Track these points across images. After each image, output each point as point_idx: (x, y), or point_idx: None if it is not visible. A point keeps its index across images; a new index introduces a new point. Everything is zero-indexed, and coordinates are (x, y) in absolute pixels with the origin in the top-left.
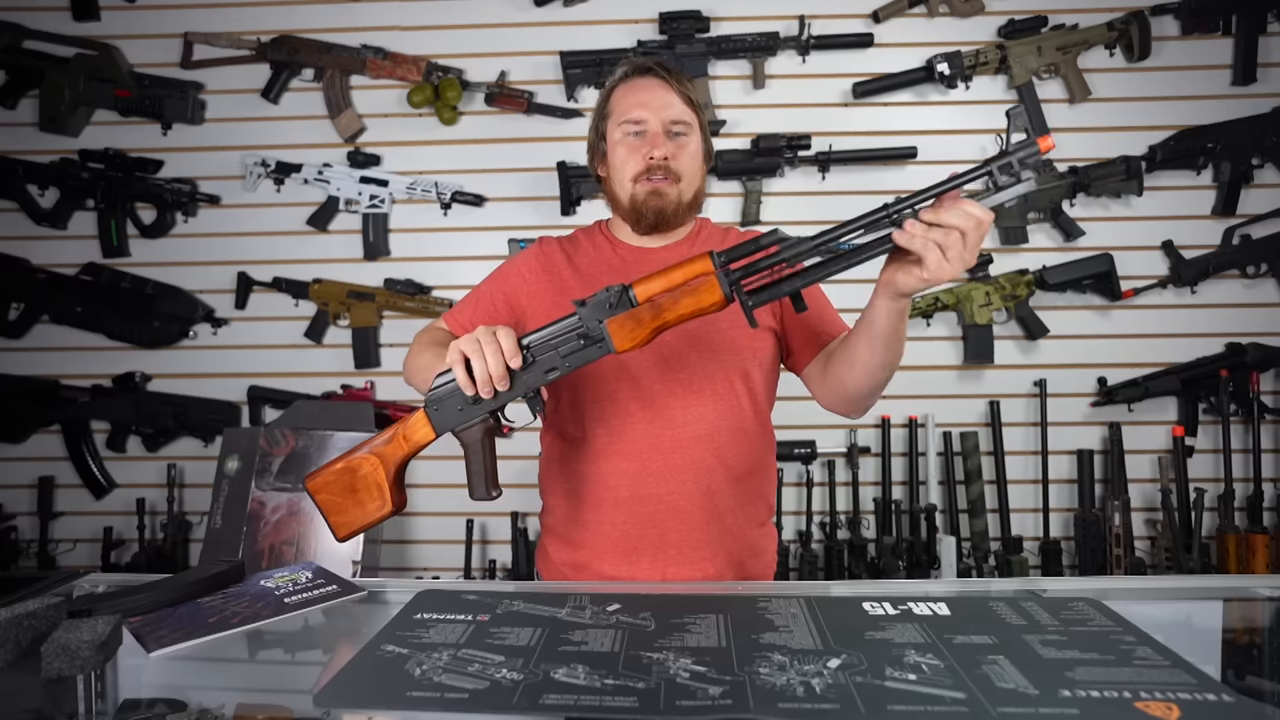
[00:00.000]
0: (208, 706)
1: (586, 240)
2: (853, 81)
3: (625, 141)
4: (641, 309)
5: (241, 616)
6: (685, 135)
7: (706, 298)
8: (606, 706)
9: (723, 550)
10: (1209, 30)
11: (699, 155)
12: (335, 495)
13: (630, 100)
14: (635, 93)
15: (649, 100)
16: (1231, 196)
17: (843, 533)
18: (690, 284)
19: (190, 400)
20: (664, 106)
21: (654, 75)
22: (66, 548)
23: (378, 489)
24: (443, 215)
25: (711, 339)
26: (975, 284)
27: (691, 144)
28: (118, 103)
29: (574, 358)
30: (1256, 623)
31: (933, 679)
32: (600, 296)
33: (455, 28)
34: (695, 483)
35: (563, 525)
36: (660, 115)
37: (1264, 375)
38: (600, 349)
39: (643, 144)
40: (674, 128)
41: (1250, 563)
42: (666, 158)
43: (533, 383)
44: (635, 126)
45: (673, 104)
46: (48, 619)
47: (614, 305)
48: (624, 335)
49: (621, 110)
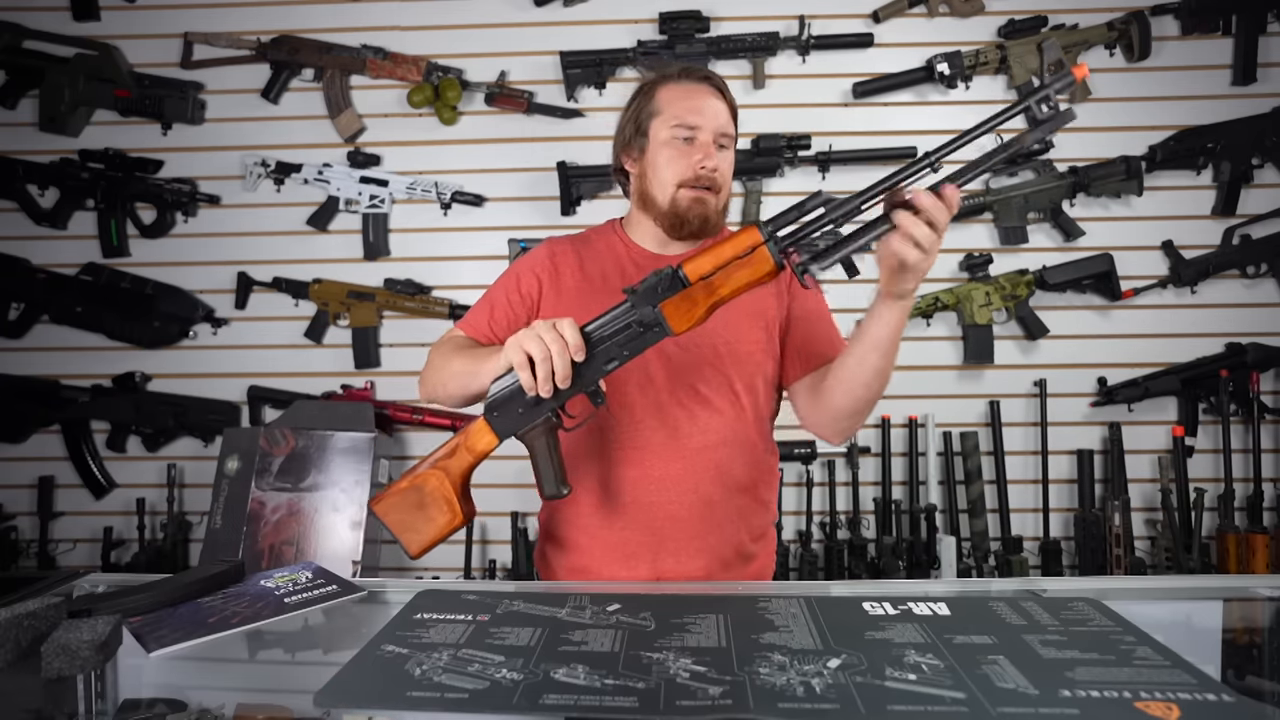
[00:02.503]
0: (208, 706)
1: (600, 241)
2: (853, 81)
3: (674, 144)
4: (695, 288)
5: (241, 616)
6: (727, 149)
7: (761, 266)
8: (606, 706)
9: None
10: (1209, 30)
11: (731, 169)
12: (404, 514)
13: (685, 104)
14: (691, 97)
15: (704, 108)
16: (1231, 196)
17: (843, 533)
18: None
19: (190, 400)
20: (716, 116)
21: (710, 84)
22: (66, 548)
23: (446, 502)
24: (443, 215)
25: (720, 350)
26: (975, 284)
27: (730, 159)
28: (118, 103)
29: (633, 345)
30: (1256, 623)
31: (933, 679)
32: (650, 281)
33: (455, 28)
34: (695, 492)
35: (561, 528)
36: (713, 125)
37: (1264, 375)
38: (658, 333)
39: (694, 151)
40: (721, 139)
41: (1250, 563)
42: (715, 169)
43: (594, 376)
44: (688, 131)
45: (722, 115)
46: (48, 619)
47: (666, 289)
48: (680, 317)
49: (675, 112)
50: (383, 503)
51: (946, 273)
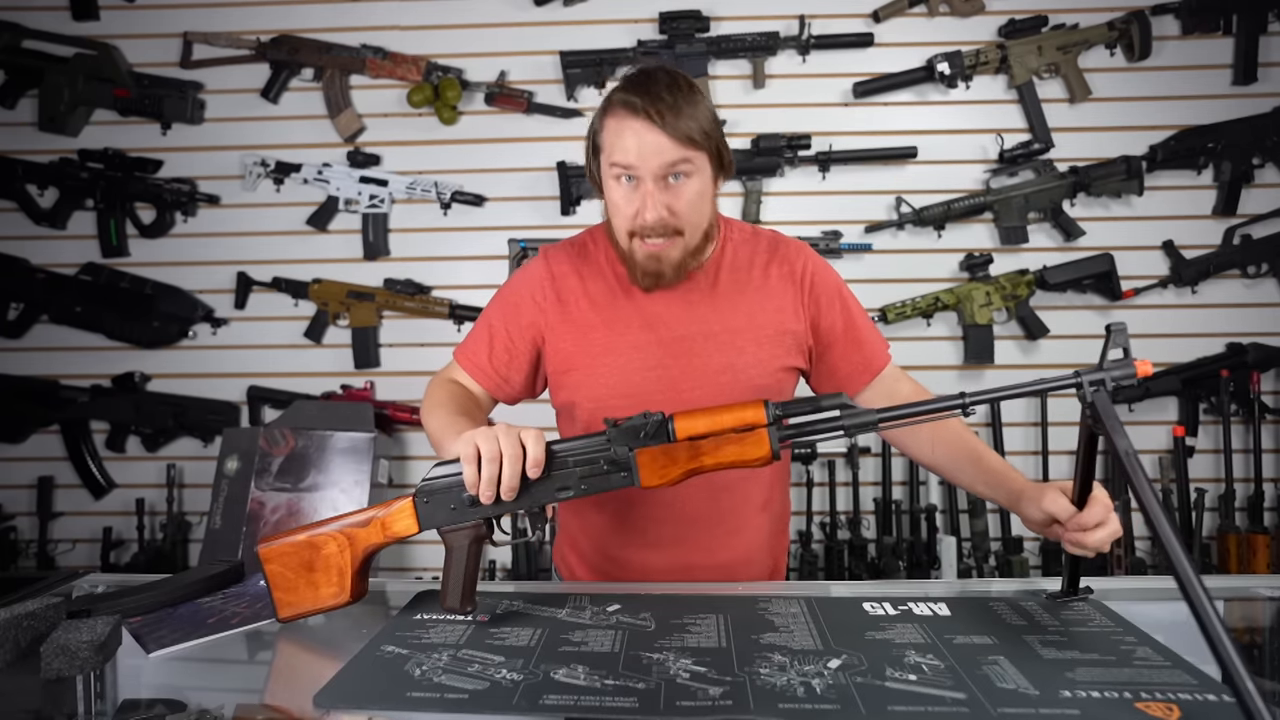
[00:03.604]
0: (207, 707)
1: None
2: (853, 81)
3: (617, 186)
4: (679, 447)
5: (241, 617)
6: (686, 177)
7: (752, 450)
8: (606, 707)
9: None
10: (1209, 30)
11: (703, 195)
12: (288, 569)
13: (619, 144)
14: (623, 135)
15: (638, 147)
16: (1232, 196)
17: (843, 533)
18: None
19: (190, 400)
20: (656, 153)
21: (642, 118)
22: (66, 548)
23: (338, 574)
24: (443, 215)
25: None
26: (975, 284)
27: (692, 185)
28: (117, 102)
29: (592, 481)
30: (1257, 623)
31: (933, 679)
32: (635, 421)
33: (455, 28)
34: (712, 495)
35: (577, 525)
36: (651, 163)
37: (1264, 375)
38: (624, 479)
39: (635, 198)
40: (670, 172)
41: (1251, 563)
42: (660, 218)
43: (541, 498)
44: (624, 170)
45: (664, 149)
46: (47, 619)
47: (649, 435)
48: (653, 471)
49: (611, 149)
50: (271, 547)
51: (946, 273)
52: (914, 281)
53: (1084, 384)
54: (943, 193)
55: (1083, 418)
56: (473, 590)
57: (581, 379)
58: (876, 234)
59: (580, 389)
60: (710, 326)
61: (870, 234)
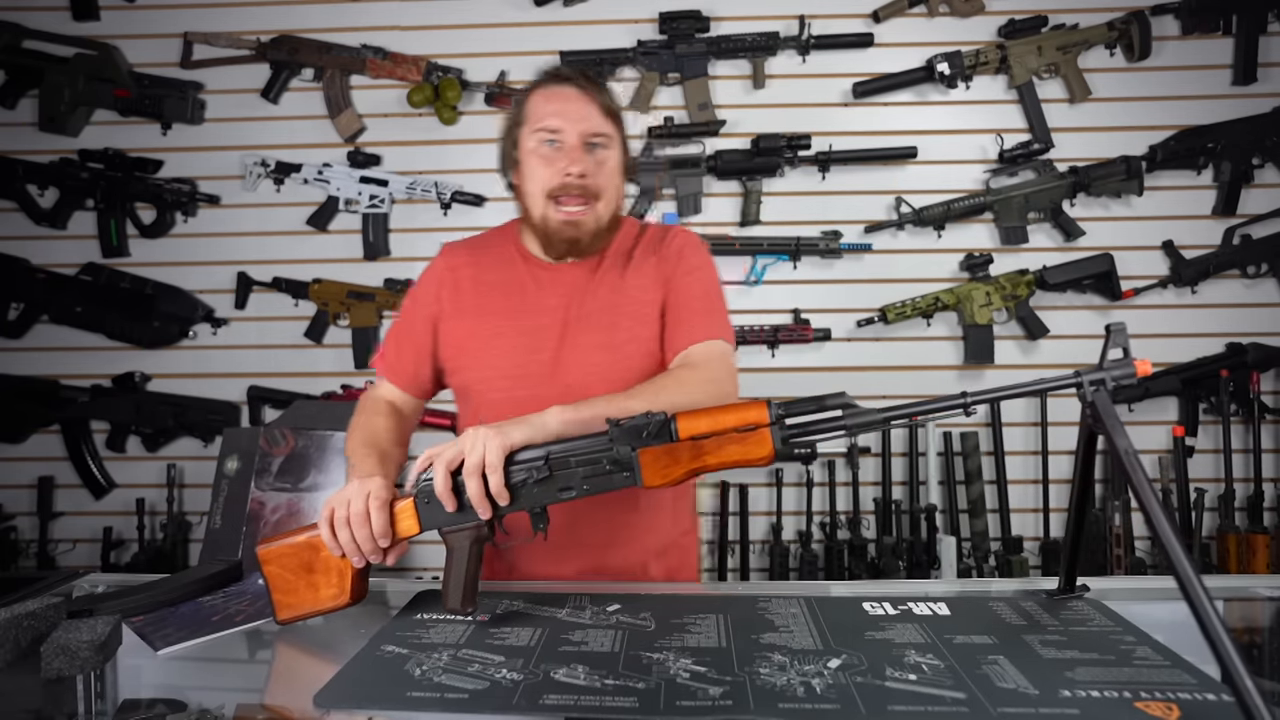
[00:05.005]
0: (208, 706)
1: (498, 247)
2: (853, 81)
3: (539, 151)
4: (681, 446)
5: (245, 615)
6: (605, 149)
7: (756, 450)
8: (606, 707)
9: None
10: (1209, 30)
11: (618, 170)
12: (287, 571)
13: (546, 109)
14: (551, 101)
15: (566, 110)
16: (1232, 196)
17: (843, 533)
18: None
19: (190, 400)
20: (582, 118)
21: (572, 85)
22: (66, 548)
23: (338, 576)
24: (443, 215)
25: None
26: (975, 284)
27: (611, 159)
28: (117, 103)
29: (596, 482)
30: (1256, 623)
31: (933, 679)
32: (637, 421)
33: (455, 28)
34: None
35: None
36: (578, 127)
37: (1264, 375)
38: (627, 479)
39: (559, 156)
40: (593, 139)
41: (1251, 563)
42: (584, 174)
43: (543, 499)
44: (550, 135)
45: (590, 115)
46: (47, 619)
47: (651, 435)
48: (656, 470)
49: (537, 117)
50: (269, 548)
51: (946, 273)
52: (914, 281)
53: (1084, 384)
54: (943, 193)
55: (1083, 417)
56: (474, 591)
57: (471, 361)
58: (876, 234)
59: (471, 371)
60: (588, 307)
61: (870, 234)
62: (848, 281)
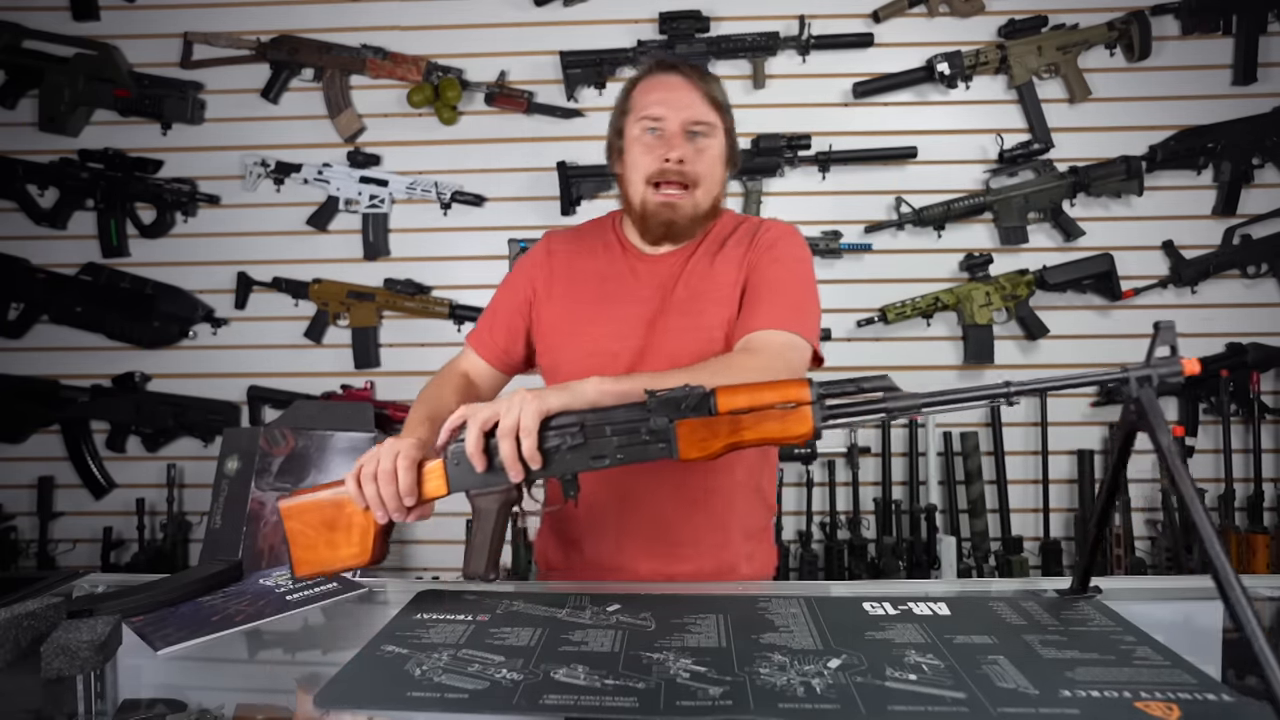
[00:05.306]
0: (208, 706)
1: (597, 238)
2: (853, 81)
3: (642, 140)
4: (720, 420)
5: (245, 614)
6: (706, 137)
7: (795, 427)
8: (607, 707)
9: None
10: (1209, 30)
11: (720, 159)
12: (308, 527)
13: (651, 97)
14: (656, 90)
15: (669, 99)
16: (1232, 196)
17: (843, 533)
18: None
19: (190, 400)
20: (685, 106)
21: (678, 73)
22: (66, 548)
23: (360, 534)
24: (443, 215)
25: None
26: (975, 284)
27: (713, 147)
28: (117, 103)
29: (631, 451)
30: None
31: (933, 679)
32: (677, 393)
33: (455, 28)
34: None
35: (567, 524)
36: (680, 115)
37: (1264, 375)
38: (663, 450)
39: (659, 144)
40: (695, 128)
41: (1251, 563)
42: (682, 160)
43: (575, 465)
44: (653, 123)
45: (694, 104)
46: (47, 619)
47: (690, 408)
48: (693, 443)
49: (641, 106)
50: (292, 503)
51: (946, 273)
52: (914, 281)
53: (1131, 380)
54: (943, 193)
55: (1124, 414)
56: (498, 556)
57: (563, 342)
58: (876, 234)
59: (561, 352)
60: (679, 294)
61: (870, 234)
62: (848, 281)
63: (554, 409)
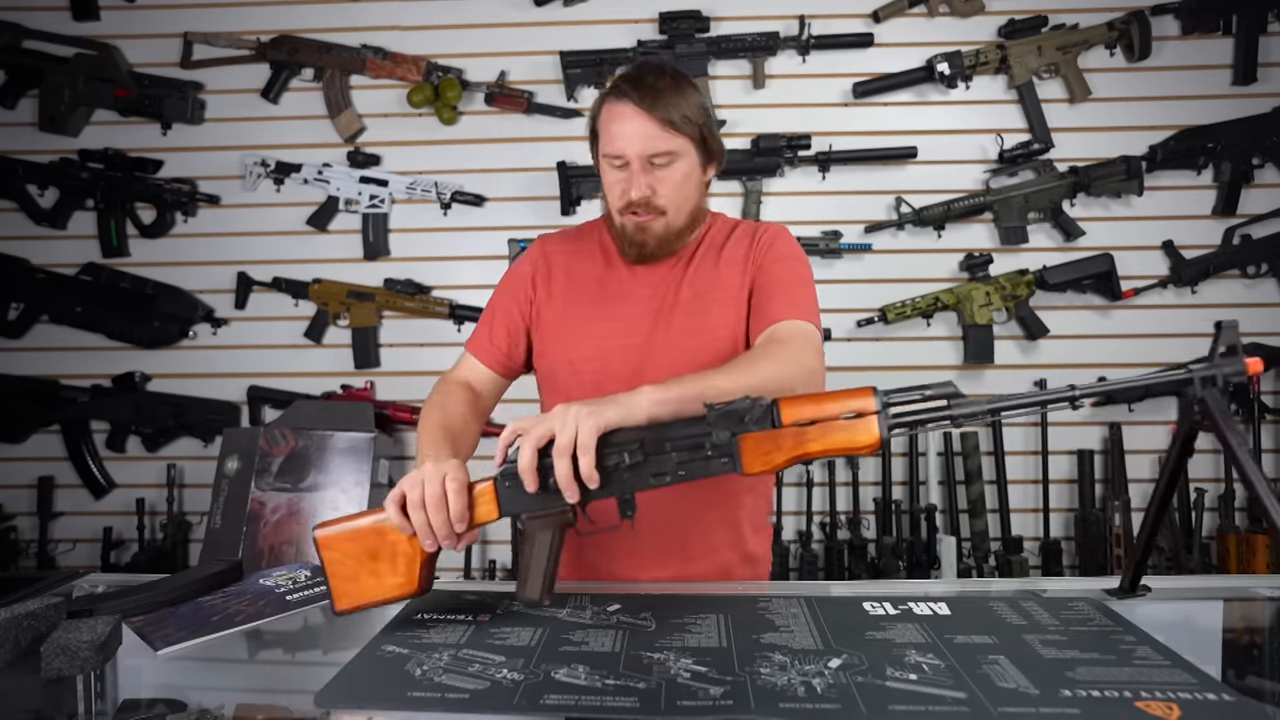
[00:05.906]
0: (208, 706)
1: (593, 240)
2: (853, 81)
3: (609, 171)
4: (785, 433)
5: (245, 614)
6: (667, 166)
7: (862, 436)
8: (607, 707)
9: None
10: (1209, 30)
11: (688, 178)
12: (348, 558)
13: (611, 129)
14: (614, 121)
15: (626, 132)
16: (1232, 196)
17: (843, 533)
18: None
19: (190, 400)
20: (641, 138)
21: (629, 102)
22: (66, 548)
23: (406, 564)
24: (443, 215)
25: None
26: (975, 284)
27: (675, 172)
28: (117, 103)
29: (692, 467)
30: (1257, 623)
31: (933, 679)
32: (739, 406)
33: (455, 28)
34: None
35: None
36: (636, 148)
37: (1264, 375)
38: (726, 465)
39: (623, 179)
40: (655, 159)
41: (1250, 563)
42: (646, 197)
43: (635, 485)
44: (615, 160)
45: (649, 135)
46: (47, 619)
47: (753, 420)
48: (757, 457)
49: (605, 138)
50: (329, 532)
51: (946, 273)
52: (914, 281)
53: (1195, 380)
54: (943, 193)
55: (1185, 415)
56: (554, 580)
57: (562, 344)
58: (876, 234)
59: (559, 353)
60: (682, 295)
61: (870, 234)
62: (848, 281)
63: (612, 424)
